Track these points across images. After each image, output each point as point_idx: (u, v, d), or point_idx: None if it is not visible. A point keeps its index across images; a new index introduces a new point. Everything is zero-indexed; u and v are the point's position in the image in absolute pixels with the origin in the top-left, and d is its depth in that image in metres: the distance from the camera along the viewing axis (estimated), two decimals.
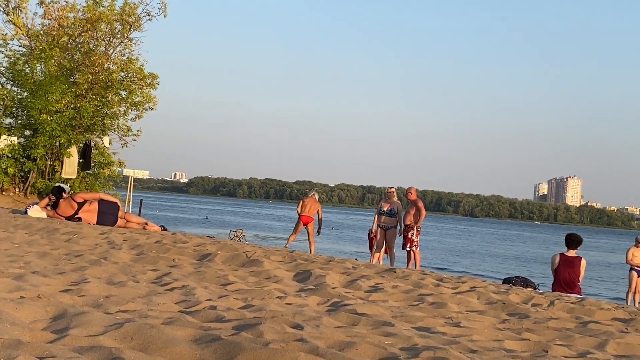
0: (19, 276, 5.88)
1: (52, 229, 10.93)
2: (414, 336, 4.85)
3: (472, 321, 6.05)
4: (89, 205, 13.39)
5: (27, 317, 4.23)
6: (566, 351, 5.01)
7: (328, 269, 8.79)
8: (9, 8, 23.82)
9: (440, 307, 6.74)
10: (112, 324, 4.13)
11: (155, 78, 24.21)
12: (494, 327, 5.94)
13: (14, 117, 23.47)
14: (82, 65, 23.35)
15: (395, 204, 16.88)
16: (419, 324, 5.70)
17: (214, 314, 4.98)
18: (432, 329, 5.44)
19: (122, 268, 7.39)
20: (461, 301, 7.26)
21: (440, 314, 6.32)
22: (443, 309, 6.60)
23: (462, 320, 6.05)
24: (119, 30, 24.11)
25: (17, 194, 22.28)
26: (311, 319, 5.25)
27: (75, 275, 6.36)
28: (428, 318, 5.94)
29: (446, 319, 6.08)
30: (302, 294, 6.80)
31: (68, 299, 5.06)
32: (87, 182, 23.36)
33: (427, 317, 6.01)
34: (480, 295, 7.79)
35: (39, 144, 21.46)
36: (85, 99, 22.94)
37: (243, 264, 8.79)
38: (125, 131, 24.37)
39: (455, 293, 7.89)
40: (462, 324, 5.82)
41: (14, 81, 23.13)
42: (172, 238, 11.30)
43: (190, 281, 6.79)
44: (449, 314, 6.33)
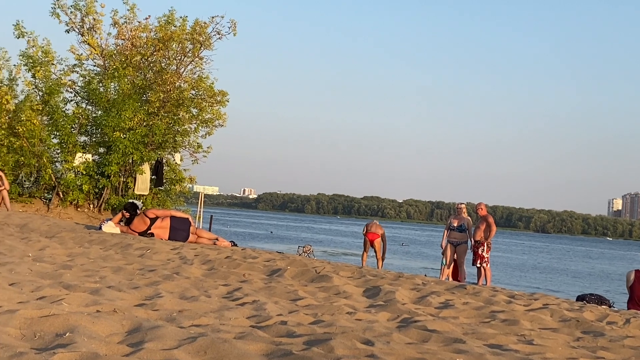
0: (95, 290, 6.02)
1: (125, 244, 11.16)
2: (485, 353, 4.78)
3: (546, 339, 5.94)
4: (161, 222, 13.63)
5: (104, 331, 4.33)
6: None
7: (397, 285, 8.75)
8: (84, 29, 24.51)
9: (513, 324, 6.63)
10: (185, 337, 4.20)
11: (225, 95, 24.54)
12: (568, 345, 5.81)
13: (88, 135, 24.08)
14: (154, 83, 23.85)
15: (465, 220, 16.73)
16: (491, 341, 5.62)
17: (285, 329, 5.01)
18: (504, 346, 5.36)
19: (194, 283, 7.50)
20: (534, 318, 7.13)
21: (513, 331, 6.22)
22: (515, 326, 6.49)
23: (535, 337, 5.94)
24: (190, 49, 24.54)
25: (91, 210, 22.82)
26: (381, 335, 5.23)
27: (149, 290, 6.48)
28: (500, 335, 5.86)
29: (518, 336, 5.98)
30: (371, 309, 6.78)
31: (143, 313, 5.17)
32: (159, 199, 23.77)
33: (499, 334, 5.92)
34: (553, 313, 7.64)
35: (112, 161, 21.97)
36: (157, 117, 23.40)
37: (312, 280, 8.81)
38: (196, 148, 24.73)
39: (528, 310, 7.76)
40: (535, 341, 5.72)
41: (88, 100, 23.75)
42: (242, 253, 11.41)
43: (261, 296, 6.85)
44: (522, 332, 6.22)
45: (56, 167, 23.28)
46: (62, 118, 22.39)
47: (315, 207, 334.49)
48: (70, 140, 22.39)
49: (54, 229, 13.01)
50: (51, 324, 4.31)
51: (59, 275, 7.00)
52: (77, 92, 24.36)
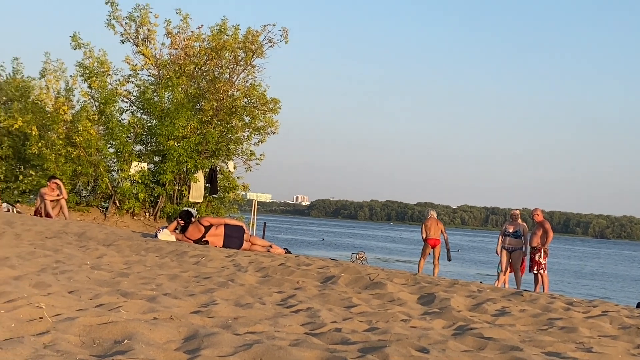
0: (152, 298, 6.10)
1: (181, 252, 11.28)
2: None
3: (605, 346, 5.81)
4: (215, 229, 13.74)
5: (161, 338, 4.38)
6: None
7: (452, 292, 8.67)
8: (138, 40, 24.94)
9: (571, 331, 6.51)
10: (241, 344, 4.22)
11: (277, 103, 24.71)
12: (628, 352, 5.68)
13: (143, 143, 24.49)
14: (207, 92, 24.14)
15: (520, 226, 16.53)
16: (549, 349, 5.53)
17: (339, 336, 5.01)
18: (562, 354, 5.27)
19: (249, 290, 7.54)
20: (593, 326, 6.99)
21: (571, 339, 6.10)
22: (573, 334, 6.37)
23: (594, 345, 5.82)
24: (242, 57, 24.79)
25: (147, 218, 23.17)
26: (437, 342, 5.19)
27: (205, 297, 6.54)
28: (558, 343, 5.75)
29: (577, 344, 5.87)
30: (426, 317, 6.73)
31: (198, 320, 5.21)
32: (213, 206, 24.02)
33: (557, 342, 5.82)
34: (612, 320, 7.48)
35: (167, 169, 22.27)
36: (210, 125, 23.67)
37: (366, 287, 8.79)
38: (249, 155, 24.94)
39: (586, 317, 7.61)
40: (594, 349, 5.60)
41: (143, 109, 24.15)
42: (296, 260, 11.44)
43: (315, 303, 6.85)
44: (580, 339, 6.11)
45: (112, 176, 23.72)
46: (117, 127, 22.80)
47: (369, 214, 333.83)
48: (126, 149, 22.78)
49: (111, 237, 13.22)
50: (110, 331, 4.38)
51: (116, 282, 7.11)
52: (132, 101, 24.81)
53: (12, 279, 6.50)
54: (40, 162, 23.12)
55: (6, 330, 4.24)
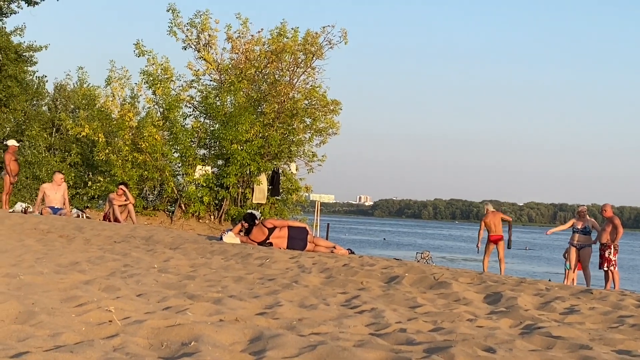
0: (218, 300, 6.17)
1: (245, 254, 11.37)
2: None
3: None
4: (279, 231, 13.82)
5: (227, 340, 4.43)
6: None
7: (519, 291, 8.54)
8: (199, 45, 25.29)
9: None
10: (305, 346, 4.24)
11: (337, 104, 24.76)
12: None
13: (207, 148, 24.82)
14: (268, 95, 24.33)
15: (589, 222, 16.20)
16: (619, 347, 5.40)
17: (404, 336, 4.98)
18: (633, 352, 5.14)
19: (313, 291, 7.56)
20: None
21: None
22: None
23: None
24: (302, 59, 24.90)
25: (212, 221, 23.46)
26: (504, 342, 5.12)
27: (269, 299, 6.58)
28: (629, 341, 5.62)
29: None
30: (493, 316, 6.64)
31: (263, 322, 5.25)
32: (277, 208, 24.18)
33: (628, 339, 5.68)
34: None
35: (230, 172, 22.51)
36: (272, 128, 23.84)
37: (431, 286, 8.72)
38: (311, 157, 25.04)
39: None
40: None
41: (206, 114, 24.47)
42: (360, 261, 11.42)
43: (379, 304, 6.83)
44: None
45: (178, 180, 24.10)
46: (181, 132, 23.15)
47: (432, 213, 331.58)
48: (190, 153, 23.11)
49: (177, 241, 13.42)
50: (177, 333, 4.45)
51: (183, 285, 7.21)
52: (195, 106, 25.16)
53: (82, 284, 6.65)
54: (107, 168, 23.64)
55: (77, 333, 4.34)
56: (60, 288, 6.28)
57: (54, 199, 18.59)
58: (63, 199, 18.82)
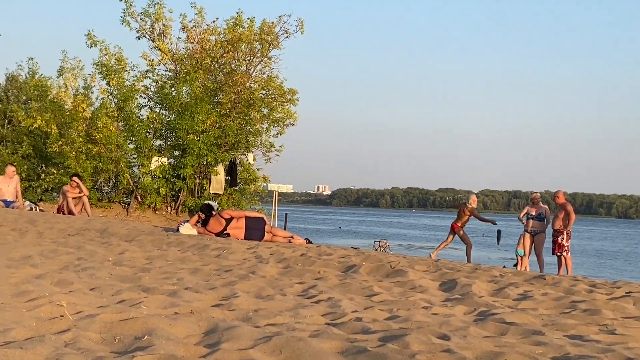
0: (173, 292, 6.13)
1: (202, 245, 11.32)
2: (566, 345, 4.68)
3: (629, 328, 5.77)
4: (236, 222, 13.77)
5: (181, 333, 4.40)
6: None
7: (474, 278, 8.63)
8: (154, 35, 25.01)
9: (594, 314, 6.46)
10: (261, 337, 4.23)
11: (294, 94, 24.71)
12: None
13: (163, 138, 24.61)
14: (225, 85, 24.18)
15: (542, 208, 16.44)
16: (571, 332, 5.49)
17: (360, 325, 5.00)
18: (585, 337, 5.23)
19: (270, 282, 7.55)
20: (616, 307, 6.93)
21: (594, 322, 6.06)
22: (597, 316, 6.33)
23: (617, 327, 5.77)
24: (258, 49, 24.79)
25: (169, 212, 23.30)
26: (458, 329, 5.17)
27: (226, 290, 6.56)
28: (581, 326, 5.72)
29: (600, 326, 5.83)
30: (448, 303, 6.71)
31: (219, 314, 5.23)
32: (234, 199, 24.09)
33: (580, 324, 5.78)
34: (636, 301, 7.41)
35: (187, 163, 22.36)
36: (229, 118, 23.72)
37: (388, 275, 8.77)
38: (269, 147, 24.99)
39: (610, 299, 7.55)
40: (618, 331, 5.56)
41: (162, 104, 24.25)
42: (317, 251, 11.44)
43: (336, 293, 6.85)
44: (604, 321, 6.06)
45: (133, 172, 23.86)
46: (137, 123, 22.92)
47: (390, 201, 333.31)
48: (145, 144, 22.89)
49: (133, 233, 13.30)
50: (130, 327, 4.41)
51: (138, 278, 7.15)
52: (150, 97, 24.91)
53: (34, 278, 6.55)
54: (61, 160, 23.31)
55: (27, 329, 4.28)
56: (11, 283, 6.18)
57: (6, 191, 18.29)
58: (15, 191, 18.53)
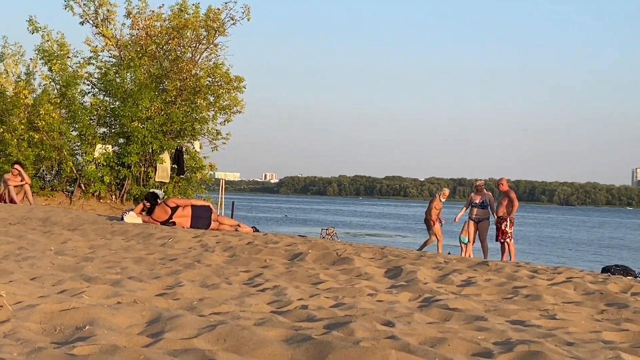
0: (116, 282, 6.05)
1: (147, 234, 11.20)
2: (507, 330, 4.75)
3: (569, 313, 5.89)
4: (182, 210, 13.67)
5: (124, 322, 4.35)
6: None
7: (419, 264, 8.72)
8: (98, 20, 24.55)
9: (535, 299, 6.59)
10: (205, 326, 4.20)
11: (241, 81, 24.51)
12: (592, 318, 5.76)
13: (107, 126, 24.19)
14: (170, 72, 23.86)
15: (486, 196, 16.65)
16: (513, 317, 5.58)
17: (305, 313, 5.01)
18: (526, 322, 5.32)
19: (215, 270, 7.51)
20: (557, 293, 7.08)
21: (535, 307, 6.17)
22: (538, 302, 6.45)
23: (557, 312, 5.89)
24: (204, 36, 24.51)
25: (113, 201, 22.96)
26: (402, 315, 5.21)
27: (170, 279, 6.50)
28: (522, 311, 5.82)
29: (541, 311, 5.94)
30: (393, 290, 6.76)
31: (163, 303, 5.18)
32: (181, 187, 23.85)
33: (522, 310, 5.88)
34: (576, 286, 7.58)
35: (132, 151, 22.05)
36: (174, 105, 23.43)
37: (334, 263, 8.80)
38: (215, 135, 24.75)
39: (551, 284, 7.71)
40: (558, 316, 5.67)
41: (105, 91, 23.83)
42: (264, 239, 11.42)
43: (282, 281, 6.85)
44: (544, 307, 6.18)
45: (77, 160, 23.41)
46: (80, 110, 22.49)
47: (337, 189, 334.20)
48: (89, 132, 22.49)
49: (76, 222, 13.09)
50: (71, 317, 4.33)
51: (80, 267, 7.04)
52: (94, 84, 24.46)
53: None
54: (2, 147, 22.78)
55: None
56: None
57: None
58: None
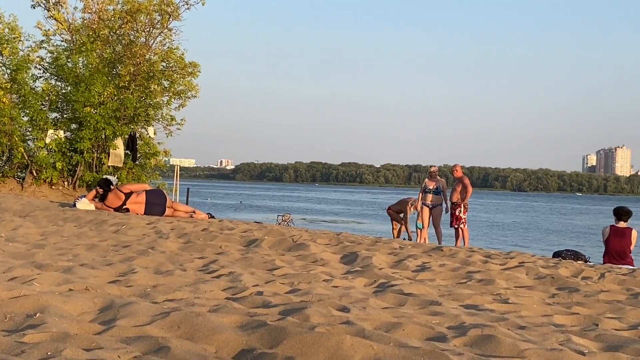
0: (68, 269, 5.96)
1: (100, 220, 11.07)
2: (461, 314, 4.80)
3: (521, 297, 5.97)
4: (136, 197, 13.53)
5: (75, 310, 4.28)
6: (617, 324, 4.91)
7: (375, 250, 8.76)
8: (49, 4, 24.11)
9: (488, 284, 6.67)
10: (158, 313, 4.16)
11: (196, 67, 24.32)
12: (543, 302, 5.85)
13: (59, 111, 23.80)
14: (123, 57, 23.55)
15: (440, 182, 16.78)
16: (467, 301, 5.64)
17: (261, 299, 4.99)
18: (479, 306, 5.38)
19: (170, 257, 7.45)
20: (509, 277, 7.17)
21: (488, 291, 6.25)
22: (491, 286, 6.53)
23: (510, 296, 5.97)
24: (158, 20, 24.24)
25: (66, 187, 22.63)
26: (358, 301, 5.23)
27: (123, 266, 6.43)
28: (476, 296, 5.88)
29: (494, 295, 6.01)
30: (348, 276, 6.78)
31: (116, 290, 5.12)
32: (134, 173, 23.60)
33: (475, 294, 5.95)
34: (529, 271, 7.69)
35: (84, 137, 21.75)
36: (128, 91, 23.14)
37: (290, 249, 8.80)
38: (170, 121, 24.54)
39: (504, 269, 7.80)
40: (511, 300, 5.75)
41: (57, 76, 23.44)
42: (219, 225, 11.37)
43: (237, 267, 6.82)
44: (497, 291, 6.26)
45: (28, 146, 23.01)
46: (31, 95, 22.09)
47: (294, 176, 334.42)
48: (40, 117, 22.11)
49: (27, 208, 12.88)
50: (21, 304, 4.25)
51: (31, 254, 6.92)
52: (45, 68, 24.03)
53: None
54: None
55: None
56: None
57: None
58: None
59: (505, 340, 3.90)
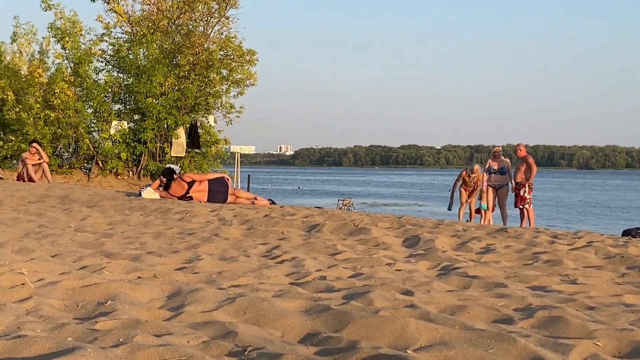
0: (136, 257, 6.08)
1: (165, 209, 11.25)
2: (528, 296, 4.74)
3: (589, 277, 5.86)
4: (199, 185, 13.71)
5: (144, 297, 4.37)
6: None
7: (437, 233, 8.70)
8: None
9: (556, 264, 6.56)
10: (225, 299, 4.22)
11: (253, 54, 24.46)
12: (613, 282, 5.74)
13: (122, 102, 24.25)
14: (183, 47, 23.83)
15: (504, 162, 16.57)
16: (534, 283, 5.57)
17: (324, 284, 5.02)
18: (547, 287, 5.31)
19: (233, 244, 7.54)
20: (577, 257, 7.04)
21: (556, 272, 6.15)
22: (558, 267, 6.42)
23: (578, 277, 5.87)
24: (215, 9, 24.44)
25: (131, 177, 23.08)
26: (421, 284, 5.21)
27: (189, 253, 6.53)
28: (543, 277, 5.80)
29: (562, 276, 5.92)
30: (411, 259, 6.76)
31: (182, 277, 5.21)
32: (196, 161, 23.93)
33: (542, 275, 5.86)
34: (597, 250, 7.54)
35: (147, 127, 22.12)
36: (188, 80, 23.42)
37: (351, 233, 8.81)
38: (229, 109, 24.76)
39: (571, 249, 7.66)
40: (579, 280, 5.65)
41: (119, 68, 23.86)
42: (281, 211, 11.44)
43: (300, 253, 6.86)
44: (565, 272, 6.15)
45: (93, 137, 23.54)
46: (94, 87, 22.54)
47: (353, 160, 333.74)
48: (104, 109, 22.56)
49: (94, 199, 13.16)
50: (93, 293, 4.37)
51: (100, 244, 7.09)
52: (107, 60, 24.48)
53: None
54: (19, 126, 22.95)
55: None
56: None
57: None
58: None
59: (574, 321, 3.84)
